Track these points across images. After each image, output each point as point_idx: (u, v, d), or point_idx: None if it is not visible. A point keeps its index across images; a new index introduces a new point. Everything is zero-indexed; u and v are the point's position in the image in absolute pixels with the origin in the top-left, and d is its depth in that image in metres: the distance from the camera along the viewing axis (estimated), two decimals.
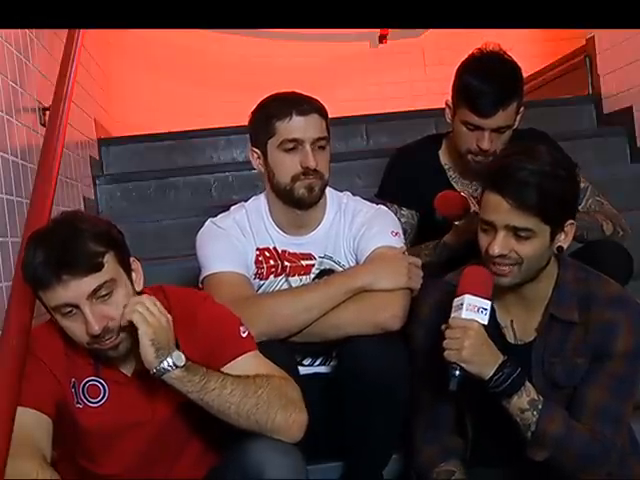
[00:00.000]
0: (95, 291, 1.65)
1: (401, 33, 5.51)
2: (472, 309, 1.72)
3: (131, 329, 1.67)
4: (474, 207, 2.21)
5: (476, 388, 1.77)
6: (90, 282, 1.64)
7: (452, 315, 1.74)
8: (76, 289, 1.63)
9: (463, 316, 1.72)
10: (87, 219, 1.74)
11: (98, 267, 1.65)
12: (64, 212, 1.83)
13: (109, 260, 1.68)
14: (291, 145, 2.10)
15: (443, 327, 1.75)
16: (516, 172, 1.74)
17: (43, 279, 1.64)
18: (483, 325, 1.73)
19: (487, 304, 1.73)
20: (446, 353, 1.72)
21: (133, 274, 1.75)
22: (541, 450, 1.76)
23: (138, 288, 1.76)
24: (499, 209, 1.74)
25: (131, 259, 1.77)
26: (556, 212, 1.76)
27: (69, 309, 1.65)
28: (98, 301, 1.66)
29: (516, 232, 1.75)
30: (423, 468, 1.93)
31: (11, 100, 2.29)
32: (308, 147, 2.09)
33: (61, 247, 1.64)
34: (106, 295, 1.67)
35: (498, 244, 1.75)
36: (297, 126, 2.09)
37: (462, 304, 1.73)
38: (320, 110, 2.13)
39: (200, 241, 2.20)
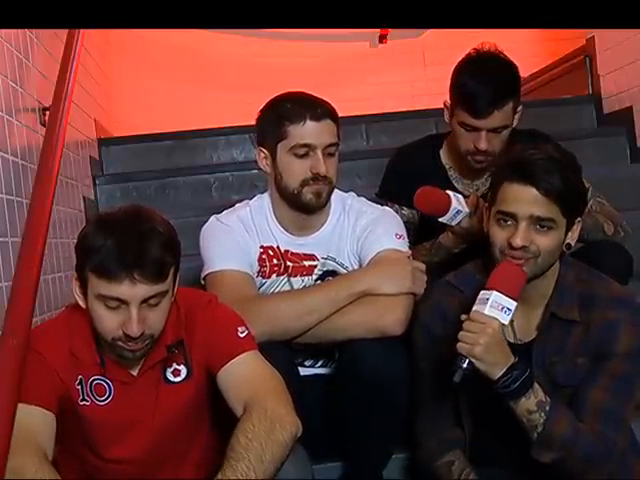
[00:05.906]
0: (150, 297, 1.65)
1: (401, 33, 5.51)
2: (496, 307, 1.71)
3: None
4: (465, 208, 2.19)
5: (476, 388, 1.76)
6: (151, 289, 1.65)
7: (475, 307, 1.72)
8: (137, 291, 1.63)
9: (486, 312, 1.71)
10: (160, 221, 1.71)
11: (164, 277, 1.66)
12: (133, 205, 1.79)
13: (171, 272, 1.69)
14: (303, 150, 2.07)
15: (463, 317, 1.73)
16: (539, 161, 1.74)
17: (111, 270, 1.62)
18: (503, 325, 1.72)
19: (513, 304, 1.72)
20: (459, 345, 1.70)
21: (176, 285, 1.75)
22: (547, 451, 1.75)
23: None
24: (524, 199, 1.73)
25: None
26: (574, 203, 1.78)
27: (117, 303, 1.65)
28: (146, 306, 1.66)
29: (538, 223, 1.74)
30: (423, 462, 1.94)
31: (11, 100, 2.29)
32: (320, 153, 2.06)
33: (137, 247, 1.63)
34: (155, 304, 1.67)
35: (521, 236, 1.74)
36: (310, 131, 2.06)
37: (488, 299, 1.71)
38: (332, 115, 2.10)
39: (204, 237, 2.18)
